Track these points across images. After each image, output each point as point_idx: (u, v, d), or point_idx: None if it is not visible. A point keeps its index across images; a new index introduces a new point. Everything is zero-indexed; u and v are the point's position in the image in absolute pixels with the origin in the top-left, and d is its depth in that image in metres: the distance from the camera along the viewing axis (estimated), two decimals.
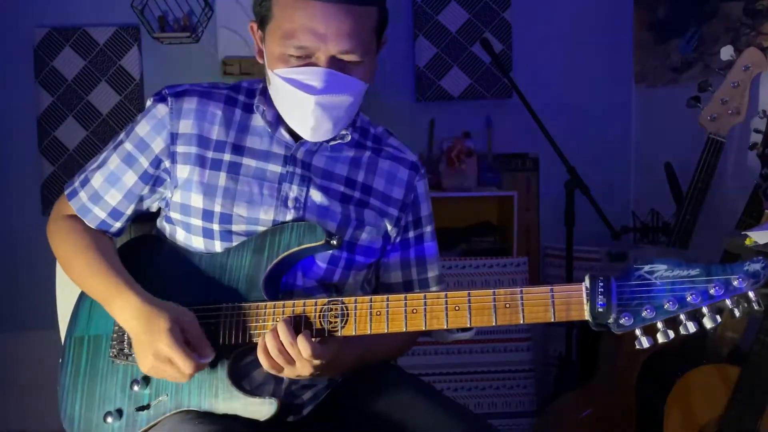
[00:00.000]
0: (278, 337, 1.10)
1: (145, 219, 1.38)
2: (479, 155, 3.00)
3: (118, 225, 1.31)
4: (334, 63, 1.15)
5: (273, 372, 1.13)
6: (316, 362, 1.11)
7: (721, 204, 2.23)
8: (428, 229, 1.39)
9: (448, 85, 3.08)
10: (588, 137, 3.07)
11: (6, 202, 3.00)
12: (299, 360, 1.10)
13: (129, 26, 2.99)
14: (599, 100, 3.15)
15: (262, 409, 1.14)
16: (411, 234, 1.37)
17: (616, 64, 3.14)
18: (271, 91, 1.24)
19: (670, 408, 1.88)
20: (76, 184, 1.31)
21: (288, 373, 1.13)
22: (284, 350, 1.10)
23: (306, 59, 1.15)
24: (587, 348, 2.40)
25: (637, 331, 0.98)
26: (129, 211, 1.30)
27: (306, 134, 1.22)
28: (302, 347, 1.09)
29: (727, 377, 1.80)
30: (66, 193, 1.32)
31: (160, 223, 1.34)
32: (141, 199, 1.30)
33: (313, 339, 1.10)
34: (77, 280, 1.28)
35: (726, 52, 1.90)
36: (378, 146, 1.35)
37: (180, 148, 1.25)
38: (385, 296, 1.10)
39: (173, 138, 1.25)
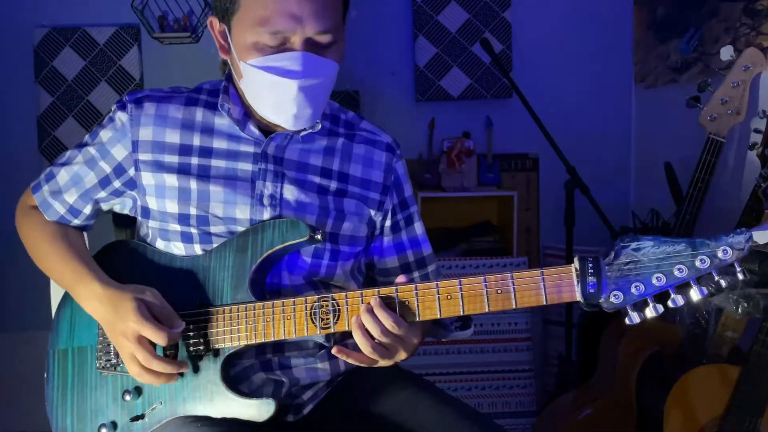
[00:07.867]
0: (378, 321, 1.07)
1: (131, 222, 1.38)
2: (479, 155, 3.00)
3: (77, 221, 1.32)
4: (310, 46, 1.15)
5: (366, 363, 1.12)
6: (415, 341, 1.11)
7: (721, 204, 2.23)
8: (414, 209, 1.38)
9: (448, 85, 3.07)
10: (588, 137, 3.06)
11: (5, 202, 2.97)
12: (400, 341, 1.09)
13: (129, 26, 2.99)
14: (599, 100, 3.15)
15: (260, 410, 1.13)
16: (399, 216, 1.35)
17: (616, 64, 3.14)
18: (243, 85, 1.23)
19: (670, 408, 1.88)
20: (41, 178, 1.33)
21: (384, 362, 1.12)
22: (388, 332, 1.07)
23: (280, 46, 1.15)
24: (587, 348, 2.40)
25: (628, 308, 0.99)
26: (87, 210, 1.31)
27: (288, 123, 1.20)
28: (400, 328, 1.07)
29: (727, 377, 1.80)
30: (31, 186, 1.34)
31: (141, 231, 1.32)
32: (97, 201, 1.31)
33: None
34: (44, 269, 1.30)
35: (726, 52, 1.90)
36: (351, 131, 1.33)
37: (143, 156, 1.25)
38: (375, 289, 1.09)
39: (135, 146, 1.25)
